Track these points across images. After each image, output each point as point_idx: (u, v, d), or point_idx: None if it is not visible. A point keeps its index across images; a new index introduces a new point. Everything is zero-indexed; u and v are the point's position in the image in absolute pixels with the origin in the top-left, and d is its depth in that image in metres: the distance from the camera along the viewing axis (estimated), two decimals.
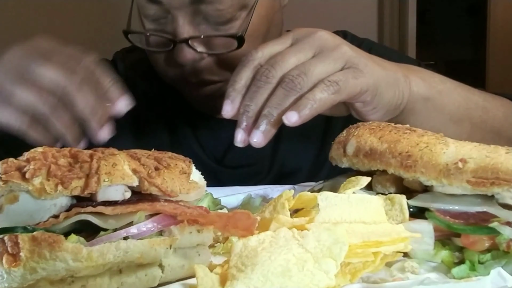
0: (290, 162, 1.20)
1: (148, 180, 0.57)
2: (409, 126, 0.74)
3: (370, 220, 0.60)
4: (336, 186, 0.72)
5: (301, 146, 1.21)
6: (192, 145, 1.21)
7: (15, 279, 0.49)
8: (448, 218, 0.62)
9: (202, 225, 0.59)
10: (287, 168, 1.20)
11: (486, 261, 0.59)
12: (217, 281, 0.51)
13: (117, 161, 0.56)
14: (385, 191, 0.70)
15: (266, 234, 0.54)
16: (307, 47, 0.80)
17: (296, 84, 0.76)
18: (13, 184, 0.52)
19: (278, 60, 0.78)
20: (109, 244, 0.52)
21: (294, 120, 0.74)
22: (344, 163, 0.76)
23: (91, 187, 0.53)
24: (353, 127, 0.78)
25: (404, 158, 0.67)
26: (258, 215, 0.67)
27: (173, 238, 0.56)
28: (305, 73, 0.76)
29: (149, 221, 0.56)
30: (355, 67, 0.80)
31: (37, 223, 0.52)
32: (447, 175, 0.63)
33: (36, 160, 0.53)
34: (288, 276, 0.48)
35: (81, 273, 0.51)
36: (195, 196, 0.63)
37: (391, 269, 0.59)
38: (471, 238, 0.61)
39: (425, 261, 0.62)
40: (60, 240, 0.49)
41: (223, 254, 0.66)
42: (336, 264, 0.50)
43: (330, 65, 0.79)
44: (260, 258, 0.50)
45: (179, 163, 0.62)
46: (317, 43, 0.81)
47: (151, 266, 0.56)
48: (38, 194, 0.52)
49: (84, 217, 0.53)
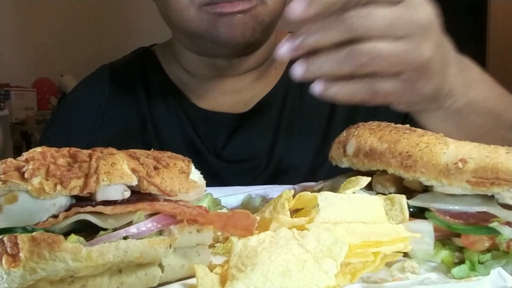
0: (288, 159, 1.21)
1: (147, 180, 0.57)
2: (409, 126, 0.74)
3: (370, 220, 0.60)
4: (336, 186, 0.72)
5: (301, 143, 1.21)
6: (194, 139, 1.21)
7: (15, 279, 0.48)
8: (448, 218, 0.62)
9: (202, 224, 0.58)
10: (285, 165, 1.21)
11: (486, 261, 0.59)
12: (217, 281, 0.51)
13: (116, 161, 0.56)
14: (385, 191, 0.70)
15: (266, 234, 0.54)
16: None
17: (362, 65, 0.66)
18: (12, 184, 0.52)
19: (368, 18, 0.64)
20: (109, 244, 0.51)
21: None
22: (344, 163, 0.76)
23: (90, 187, 0.53)
24: (353, 127, 0.78)
25: (404, 158, 0.67)
26: (258, 215, 0.67)
27: (173, 237, 0.56)
28: (374, 58, 0.66)
29: (148, 221, 0.56)
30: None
31: (37, 223, 0.52)
32: (447, 175, 0.63)
33: (35, 160, 0.53)
34: (288, 276, 0.48)
35: (80, 273, 0.51)
36: (194, 196, 0.63)
37: (391, 269, 0.58)
38: (471, 238, 0.61)
39: (425, 261, 0.62)
40: (59, 240, 0.49)
41: (223, 254, 0.66)
42: (336, 264, 0.50)
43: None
44: (260, 258, 0.50)
45: (178, 163, 0.62)
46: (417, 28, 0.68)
47: (151, 266, 0.56)
48: (37, 194, 0.52)
49: (83, 216, 0.53)
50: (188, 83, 1.26)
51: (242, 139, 1.21)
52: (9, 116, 3.47)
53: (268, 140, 1.22)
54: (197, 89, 1.25)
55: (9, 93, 3.69)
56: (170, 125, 1.23)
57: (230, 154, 1.21)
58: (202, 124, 1.23)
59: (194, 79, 1.25)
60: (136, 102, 1.26)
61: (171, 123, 1.23)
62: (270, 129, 1.22)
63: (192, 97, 1.25)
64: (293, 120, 1.23)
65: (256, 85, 1.26)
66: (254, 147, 1.21)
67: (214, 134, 1.22)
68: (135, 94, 1.27)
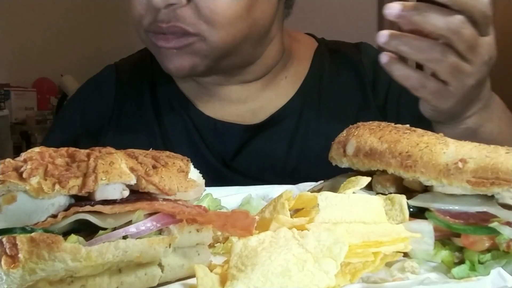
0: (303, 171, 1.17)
1: (145, 178, 0.57)
2: (409, 126, 0.74)
3: (370, 220, 0.60)
4: (336, 186, 0.72)
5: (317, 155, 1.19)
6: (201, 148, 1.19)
7: (14, 280, 0.48)
8: (448, 218, 0.62)
9: (201, 224, 0.58)
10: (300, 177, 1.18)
11: (486, 261, 0.59)
12: (217, 281, 0.51)
13: (114, 160, 0.56)
14: (385, 191, 0.70)
15: (266, 234, 0.54)
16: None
17: (432, 61, 0.80)
18: (10, 184, 0.52)
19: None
20: (108, 243, 0.51)
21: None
22: (344, 163, 0.76)
23: (89, 186, 0.53)
24: (353, 127, 0.77)
25: (404, 158, 0.66)
26: (258, 215, 0.67)
27: (172, 237, 0.56)
28: (446, 65, 0.80)
29: (148, 220, 0.56)
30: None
31: (36, 223, 0.52)
32: (447, 175, 0.63)
33: (33, 160, 0.53)
34: (288, 276, 0.48)
35: (80, 273, 0.51)
36: (194, 195, 0.63)
37: (391, 269, 0.58)
38: (471, 238, 0.61)
39: (425, 261, 0.62)
40: (58, 240, 0.49)
41: (223, 254, 0.66)
42: (336, 264, 0.50)
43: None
44: (260, 258, 0.50)
45: (177, 162, 0.62)
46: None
47: (150, 266, 0.56)
48: (36, 194, 0.52)
49: (82, 216, 0.53)
50: (194, 90, 1.23)
51: (255, 151, 1.18)
52: (9, 116, 3.47)
53: (282, 153, 1.18)
54: (203, 96, 1.22)
55: (9, 93, 3.69)
56: (177, 133, 1.21)
57: (240, 165, 1.18)
58: (210, 133, 1.20)
59: (199, 86, 1.22)
60: (143, 109, 1.24)
61: (178, 131, 1.21)
62: (285, 141, 1.19)
63: (199, 105, 1.22)
64: (309, 131, 1.19)
65: (264, 94, 1.22)
66: (267, 159, 1.18)
67: (223, 144, 1.19)
68: (142, 102, 1.24)
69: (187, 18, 0.99)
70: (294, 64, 1.25)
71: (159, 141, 1.20)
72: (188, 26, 1.00)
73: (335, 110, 1.21)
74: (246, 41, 1.07)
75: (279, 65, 1.22)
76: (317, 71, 1.25)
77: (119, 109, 1.26)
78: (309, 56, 1.27)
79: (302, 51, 1.27)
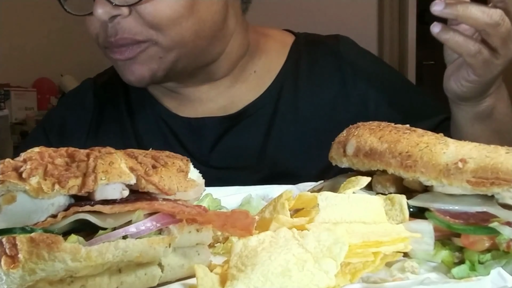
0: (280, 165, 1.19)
1: (145, 178, 0.57)
2: (409, 126, 0.74)
3: (370, 220, 0.60)
4: (336, 186, 0.72)
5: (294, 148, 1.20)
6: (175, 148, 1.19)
7: (14, 280, 0.48)
8: (448, 218, 0.62)
9: (201, 224, 0.58)
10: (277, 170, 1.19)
11: (486, 261, 0.59)
12: (217, 281, 0.51)
13: (114, 160, 0.56)
14: (385, 191, 0.70)
15: (266, 234, 0.54)
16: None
17: (493, 26, 0.85)
18: (10, 184, 0.52)
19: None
20: (108, 243, 0.51)
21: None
22: (344, 163, 0.76)
23: (88, 186, 0.53)
24: (353, 127, 0.78)
25: (404, 158, 0.66)
26: (258, 215, 0.67)
27: (172, 237, 0.56)
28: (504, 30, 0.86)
29: (147, 220, 0.56)
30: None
31: (36, 223, 0.52)
32: (447, 175, 0.63)
33: (32, 160, 0.53)
34: (288, 276, 0.48)
35: (80, 273, 0.51)
36: (193, 195, 0.63)
37: (391, 269, 0.58)
38: (471, 238, 0.61)
39: (425, 261, 0.62)
40: (58, 240, 0.49)
41: (223, 254, 0.66)
42: (336, 264, 0.50)
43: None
44: (260, 258, 0.50)
45: (176, 162, 0.62)
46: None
47: (150, 265, 0.56)
48: (35, 194, 0.51)
49: (82, 216, 0.53)
50: (164, 94, 1.25)
51: (231, 143, 1.20)
52: (9, 116, 3.47)
53: (258, 144, 1.20)
54: (173, 100, 1.24)
55: (9, 93, 3.69)
56: (153, 138, 1.22)
57: (216, 160, 1.19)
58: (185, 132, 1.22)
59: (168, 90, 1.23)
60: (120, 117, 1.26)
61: (154, 137, 1.23)
62: (260, 134, 1.21)
63: (171, 108, 1.24)
64: (286, 121, 1.21)
65: (234, 90, 1.23)
66: (243, 152, 1.20)
67: (198, 141, 1.21)
68: (118, 111, 1.27)
69: (133, 28, 1.02)
70: (262, 58, 1.26)
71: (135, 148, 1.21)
72: (136, 35, 1.03)
73: (313, 96, 1.23)
74: (198, 39, 1.08)
75: (244, 60, 1.23)
76: (294, 62, 1.26)
77: (98, 121, 1.29)
78: (283, 50, 1.28)
79: (272, 45, 1.28)
